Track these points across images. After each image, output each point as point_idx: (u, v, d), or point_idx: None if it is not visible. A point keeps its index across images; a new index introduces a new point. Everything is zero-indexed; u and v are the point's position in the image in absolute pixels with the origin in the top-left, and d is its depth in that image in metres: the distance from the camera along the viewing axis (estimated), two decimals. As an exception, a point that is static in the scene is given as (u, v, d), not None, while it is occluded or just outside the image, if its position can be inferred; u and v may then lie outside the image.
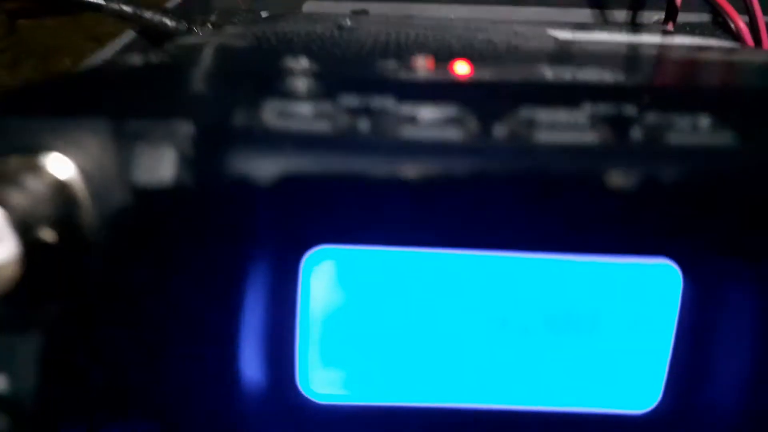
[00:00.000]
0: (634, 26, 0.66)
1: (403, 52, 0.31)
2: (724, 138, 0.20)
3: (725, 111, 0.21)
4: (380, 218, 0.19)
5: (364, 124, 0.20)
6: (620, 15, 0.71)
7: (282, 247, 0.20)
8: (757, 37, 0.63)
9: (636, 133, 0.20)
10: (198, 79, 0.25)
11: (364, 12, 0.66)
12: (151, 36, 0.60)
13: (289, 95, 0.22)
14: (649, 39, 0.47)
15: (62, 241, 0.20)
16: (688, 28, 0.66)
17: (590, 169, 0.19)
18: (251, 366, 0.21)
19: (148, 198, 0.20)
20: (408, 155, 0.19)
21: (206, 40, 0.37)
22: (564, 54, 0.35)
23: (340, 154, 0.19)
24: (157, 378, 0.21)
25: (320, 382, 0.21)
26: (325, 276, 0.20)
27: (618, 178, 0.19)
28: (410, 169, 0.19)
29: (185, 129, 0.20)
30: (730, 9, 0.64)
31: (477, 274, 0.20)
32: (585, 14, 0.71)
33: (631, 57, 0.36)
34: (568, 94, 0.23)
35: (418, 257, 0.20)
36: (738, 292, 0.20)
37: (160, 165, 0.20)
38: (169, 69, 0.27)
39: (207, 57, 0.30)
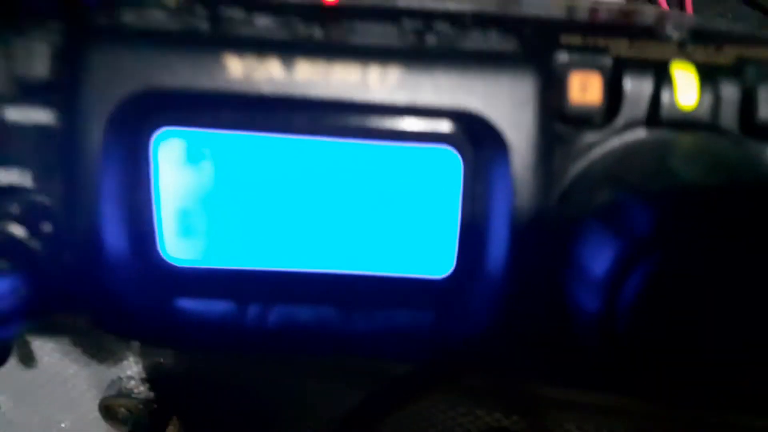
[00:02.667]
0: None
1: None
2: (505, 46, 0.24)
3: (518, 31, 0.26)
4: (213, 104, 0.24)
5: (205, 25, 0.24)
6: None
7: (135, 129, 0.24)
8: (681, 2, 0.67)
9: (431, 40, 0.24)
10: None
11: None
12: None
13: (151, 4, 0.26)
14: None
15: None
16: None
17: (393, 62, 0.23)
18: (120, 237, 0.25)
19: (26, 88, 0.24)
20: (236, 47, 0.23)
21: None
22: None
23: (180, 48, 0.23)
24: (44, 245, 0.25)
25: (177, 248, 0.26)
26: (172, 154, 0.25)
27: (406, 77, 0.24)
28: (235, 62, 0.23)
29: (56, 27, 0.24)
30: None
31: (300, 156, 0.25)
32: None
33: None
34: (391, 14, 0.27)
35: (249, 140, 0.25)
36: (500, 173, 0.24)
37: (36, 59, 0.24)
38: None
39: None
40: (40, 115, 0.25)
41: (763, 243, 0.20)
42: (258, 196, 0.25)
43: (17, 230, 0.24)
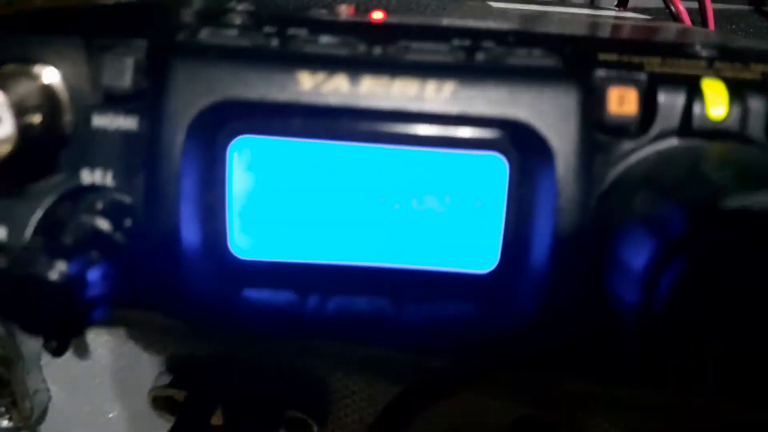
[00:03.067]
0: (584, 5, 0.71)
1: (341, 2, 0.37)
2: (549, 62, 0.27)
3: (560, 49, 0.28)
4: (283, 114, 0.26)
5: (275, 42, 0.26)
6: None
7: (212, 136, 0.27)
8: (704, 19, 0.68)
9: (480, 56, 0.27)
10: (155, 10, 0.32)
11: None
12: None
13: (224, 24, 0.28)
14: (575, 10, 0.53)
15: (46, 126, 0.27)
16: (638, 10, 0.72)
17: (448, 77, 0.26)
18: (195, 233, 0.28)
19: (112, 97, 0.27)
20: (306, 63, 0.26)
21: None
22: (473, 12, 0.41)
23: (254, 63, 0.26)
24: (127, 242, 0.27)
25: (245, 244, 0.28)
26: (245, 160, 0.27)
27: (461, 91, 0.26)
28: (305, 76, 0.26)
29: (140, 44, 0.26)
30: None
31: (360, 162, 0.27)
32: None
33: (534, 17, 0.43)
34: (440, 33, 0.29)
35: (315, 147, 0.27)
36: (545, 177, 0.26)
37: (121, 72, 0.27)
38: (136, 4, 0.34)
39: None
40: (122, 122, 0.27)
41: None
42: (321, 198, 0.28)
43: (103, 224, 0.26)
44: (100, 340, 0.42)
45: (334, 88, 0.26)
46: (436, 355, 0.31)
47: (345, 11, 0.35)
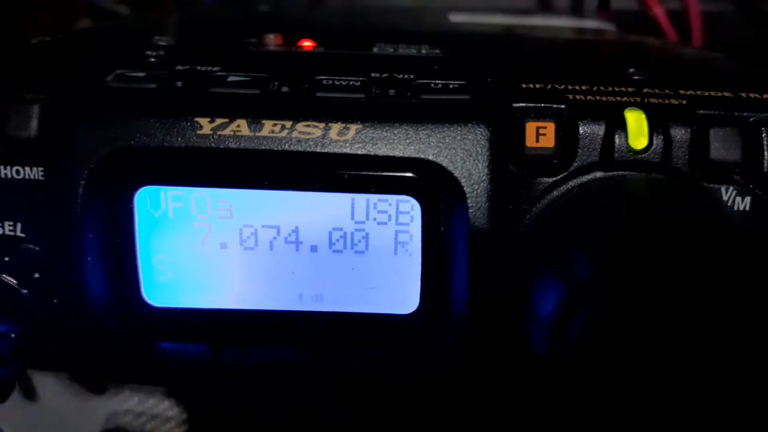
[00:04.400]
0: (560, 13, 0.70)
1: (275, 30, 0.36)
2: (462, 96, 0.26)
3: (482, 79, 0.27)
4: (187, 162, 0.25)
5: (179, 84, 0.26)
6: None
7: (116, 184, 0.26)
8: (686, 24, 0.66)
9: (391, 92, 0.26)
10: (70, 55, 0.31)
11: None
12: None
13: (138, 65, 0.28)
14: (534, 21, 0.52)
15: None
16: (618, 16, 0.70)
17: (353, 119, 0.25)
18: (104, 283, 0.27)
19: (18, 147, 0.26)
20: (206, 107, 0.25)
21: (112, 23, 0.42)
22: (416, 34, 0.40)
23: (154, 107, 0.25)
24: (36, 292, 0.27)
25: (157, 293, 0.27)
26: (151, 209, 0.26)
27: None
28: (204, 122, 0.25)
29: (46, 92, 0.26)
30: None
31: (271, 206, 0.26)
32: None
33: (481, 35, 0.42)
34: (360, 65, 0.28)
35: (223, 194, 0.26)
36: (458, 218, 0.25)
37: (27, 121, 0.26)
38: (54, 46, 0.33)
39: (95, 36, 0.36)
40: (29, 172, 0.27)
41: (702, 284, 0.21)
42: (232, 243, 0.27)
43: (8, 280, 0.26)
44: (46, 382, 0.41)
45: (234, 133, 0.25)
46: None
47: (273, 41, 0.34)
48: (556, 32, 0.46)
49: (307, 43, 0.34)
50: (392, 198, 0.26)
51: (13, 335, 0.25)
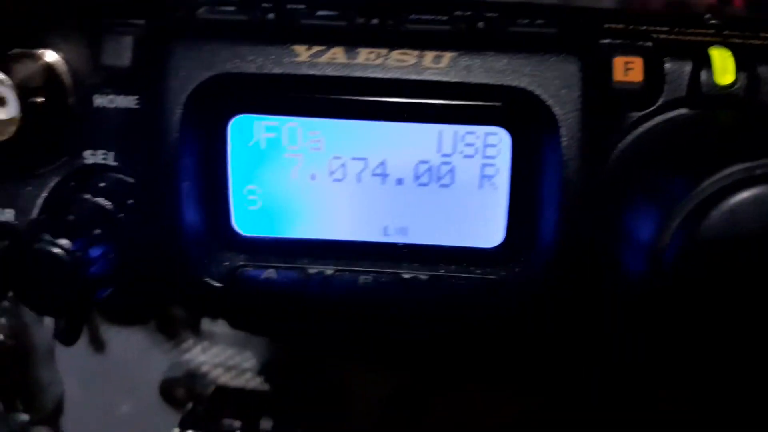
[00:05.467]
0: None
1: None
2: (551, 30, 0.26)
3: (564, 19, 0.28)
4: (281, 90, 0.26)
5: (271, 16, 0.26)
6: None
7: (211, 113, 0.26)
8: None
9: (480, 26, 0.26)
10: None
11: None
12: None
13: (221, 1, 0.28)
14: None
15: (49, 107, 0.27)
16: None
17: (447, 47, 0.25)
18: (196, 211, 0.28)
19: (112, 77, 0.27)
20: (302, 36, 0.25)
21: None
22: None
23: (250, 36, 0.25)
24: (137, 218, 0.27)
25: (246, 221, 0.28)
26: (244, 137, 0.27)
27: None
28: (302, 49, 0.25)
29: (139, 23, 0.26)
30: None
31: (361, 136, 0.27)
32: None
33: None
34: (442, 6, 0.29)
35: (317, 124, 0.27)
36: (550, 148, 0.26)
37: (121, 52, 0.27)
38: None
39: None
40: (123, 101, 0.27)
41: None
42: (320, 173, 0.27)
43: (105, 203, 0.26)
44: (110, 333, 0.42)
45: (331, 60, 0.25)
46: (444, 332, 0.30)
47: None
48: None
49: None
50: (480, 130, 0.26)
51: (112, 256, 0.25)
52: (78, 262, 0.24)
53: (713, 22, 0.30)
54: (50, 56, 0.28)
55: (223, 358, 0.41)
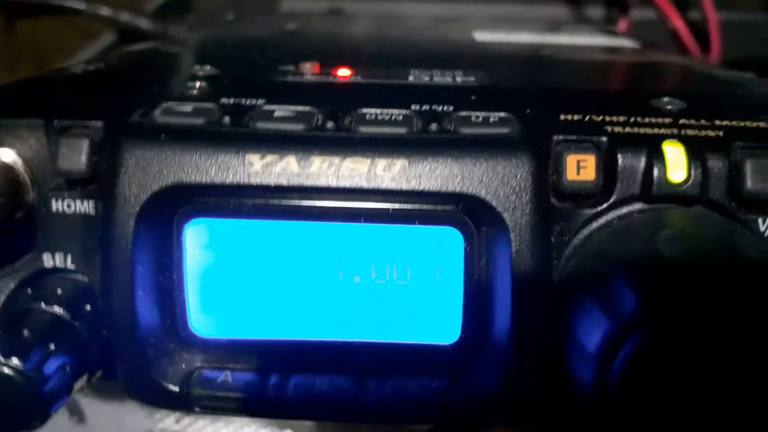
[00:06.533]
0: (581, 27, 0.70)
1: (309, 56, 0.37)
2: (504, 130, 0.26)
3: (521, 109, 0.28)
4: (235, 196, 0.26)
5: (226, 120, 0.26)
6: (593, 11, 0.76)
7: (165, 218, 0.27)
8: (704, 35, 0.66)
9: (433, 127, 0.26)
10: (116, 85, 0.32)
11: (338, 11, 0.73)
12: (131, 37, 0.67)
13: (181, 97, 0.28)
14: (558, 39, 0.52)
15: (7, 208, 0.27)
16: (637, 27, 0.70)
17: (398, 155, 0.26)
18: (153, 315, 0.28)
19: (69, 180, 0.27)
20: (256, 144, 0.26)
21: (149, 47, 0.43)
22: (447, 58, 0.41)
23: (204, 144, 0.26)
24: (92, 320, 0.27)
25: (203, 323, 0.28)
26: (199, 241, 0.27)
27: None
28: (255, 159, 0.26)
29: (96, 126, 0.27)
30: (667, 6, 0.65)
31: (316, 238, 0.27)
32: (559, 11, 0.76)
33: (509, 60, 0.42)
34: (399, 96, 0.29)
35: (270, 226, 0.27)
36: (501, 250, 0.26)
37: (77, 155, 0.27)
38: (98, 75, 0.34)
39: (136, 63, 0.37)
40: (80, 205, 0.27)
41: (744, 316, 0.22)
42: (279, 274, 0.27)
43: (61, 312, 0.27)
44: (92, 406, 0.42)
45: (284, 169, 0.26)
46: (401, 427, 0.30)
47: (310, 70, 0.35)
48: (583, 52, 0.47)
49: (343, 71, 0.34)
50: (435, 230, 0.26)
51: (68, 368, 0.26)
52: (32, 382, 0.24)
53: (670, 107, 0.30)
54: (7, 155, 0.28)
55: (196, 428, 0.41)
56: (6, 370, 0.24)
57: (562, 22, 0.74)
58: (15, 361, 0.24)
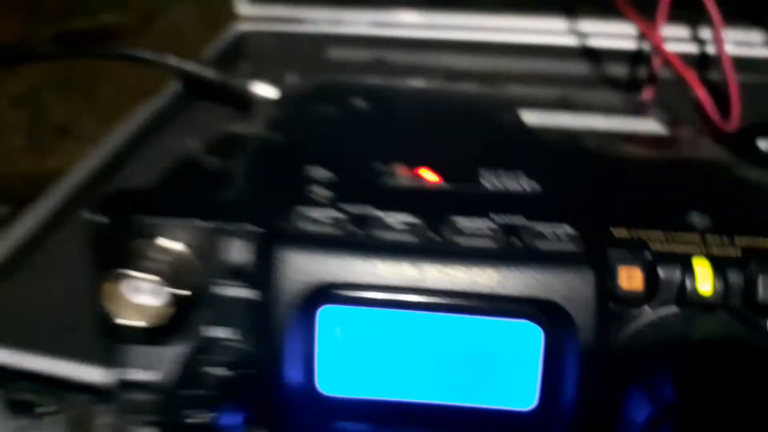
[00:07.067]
0: (610, 97, 0.76)
1: (392, 150, 0.45)
2: (570, 247, 0.35)
3: (578, 223, 0.36)
4: (368, 293, 0.34)
5: (354, 228, 0.35)
6: (615, 69, 0.82)
7: (306, 304, 0.35)
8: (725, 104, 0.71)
9: (515, 242, 0.35)
10: (249, 190, 0.40)
11: (381, 63, 0.80)
12: (194, 85, 0.73)
13: (309, 202, 0.37)
14: (596, 123, 0.58)
15: (194, 296, 0.35)
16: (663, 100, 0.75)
17: (490, 266, 0.34)
18: (293, 376, 0.36)
19: (231, 269, 0.35)
20: (380, 252, 0.34)
21: (253, 135, 0.50)
22: (508, 153, 0.48)
23: (340, 250, 0.34)
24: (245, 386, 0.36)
25: (329, 385, 0.36)
26: (329, 323, 0.35)
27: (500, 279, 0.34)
28: (379, 263, 0.34)
29: (250, 229, 0.35)
30: (690, 77, 0.70)
31: (423, 328, 0.35)
32: (582, 69, 0.83)
33: (558, 154, 0.50)
34: (480, 204, 0.37)
35: (391, 316, 0.35)
36: (570, 342, 0.34)
37: (235, 251, 0.35)
38: (225, 176, 0.42)
39: (251, 162, 0.44)
40: (241, 292, 0.36)
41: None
42: (389, 357, 0.36)
43: (228, 374, 0.35)
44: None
45: (401, 272, 0.34)
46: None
47: (401, 172, 0.43)
48: (620, 145, 0.53)
49: (426, 173, 0.43)
50: (520, 323, 0.35)
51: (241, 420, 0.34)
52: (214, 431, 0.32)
53: (698, 223, 0.38)
54: (179, 246, 0.37)
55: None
56: (200, 420, 0.32)
57: (588, 81, 0.80)
58: (206, 413, 0.32)
